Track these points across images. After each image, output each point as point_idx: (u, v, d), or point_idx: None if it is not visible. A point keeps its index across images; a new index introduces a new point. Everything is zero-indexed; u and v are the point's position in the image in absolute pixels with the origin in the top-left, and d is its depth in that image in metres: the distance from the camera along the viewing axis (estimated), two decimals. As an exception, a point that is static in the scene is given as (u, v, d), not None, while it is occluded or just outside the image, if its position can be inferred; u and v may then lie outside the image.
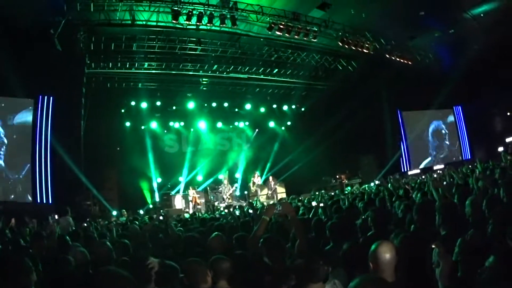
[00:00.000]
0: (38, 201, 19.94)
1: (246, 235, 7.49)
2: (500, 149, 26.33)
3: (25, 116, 20.63)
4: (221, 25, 21.73)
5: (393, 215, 8.39)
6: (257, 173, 29.80)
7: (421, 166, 31.83)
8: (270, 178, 28.72)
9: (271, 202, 23.76)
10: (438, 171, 23.53)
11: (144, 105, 29.24)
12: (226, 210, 19.29)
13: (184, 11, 20.48)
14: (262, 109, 33.86)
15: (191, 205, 26.03)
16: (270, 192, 27.74)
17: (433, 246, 4.42)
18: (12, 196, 19.90)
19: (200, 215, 19.18)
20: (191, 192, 26.96)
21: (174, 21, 20.69)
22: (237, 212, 14.76)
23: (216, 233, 7.41)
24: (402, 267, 4.45)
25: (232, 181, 30.05)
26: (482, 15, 24.40)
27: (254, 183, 29.02)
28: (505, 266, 3.64)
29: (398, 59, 27.64)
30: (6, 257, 6.33)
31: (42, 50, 18.78)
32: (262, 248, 6.11)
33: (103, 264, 6.10)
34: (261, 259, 5.93)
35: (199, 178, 31.57)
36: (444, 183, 11.58)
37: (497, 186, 8.35)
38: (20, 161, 20.42)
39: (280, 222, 8.45)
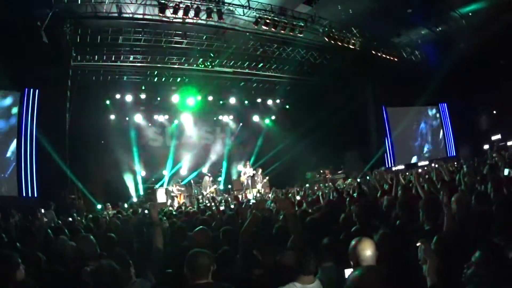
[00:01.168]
0: (24, 194, 19.86)
1: (232, 229, 7.55)
2: (486, 146, 26.56)
3: (10, 109, 20.56)
4: (208, 19, 21.69)
5: (378, 209, 8.44)
6: (248, 163, 29.14)
7: (406, 162, 31.97)
8: (259, 170, 28.52)
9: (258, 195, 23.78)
10: (425, 168, 23.65)
11: (129, 98, 29.06)
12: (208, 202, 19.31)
13: (171, 4, 20.40)
14: (247, 103, 33.92)
15: (176, 200, 25.85)
16: (260, 184, 27.53)
17: (418, 244, 4.46)
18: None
19: (185, 208, 19.11)
20: (175, 188, 26.83)
21: (161, 14, 20.65)
22: (222, 207, 14.80)
23: (201, 227, 7.44)
24: (383, 263, 4.51)
25: (215, 176, 29.97)
26: (470, 14, 24.54)
27: (245, 173, 28.24)
28: (491, 261, 3.70)
29: (384, 55, 27.74)
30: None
31: (28, 43, 18.65)
32: (252, 242, 6.16)
33: (89, 258, 6.14)
34: (252, 253, 5.98)
35: (183, 171, 31.50)
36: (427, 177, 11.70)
37: (484, 183, 8.46)
38: (5, 154, 20.36)
39: (268, 217, 8.51)
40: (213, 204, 14.12)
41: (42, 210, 12.78)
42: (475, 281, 3.71)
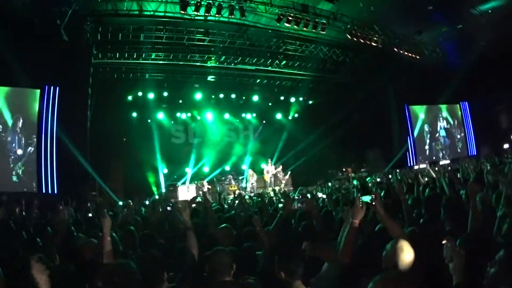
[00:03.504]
0: (44, 191, 19.96)
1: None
2: (506, 146, 26.30)
3: (31, 107, 20.67)
4: (230, 16, 21.58)
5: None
6: (271, 161, 29.29)
7: (427, 161, 31.74)
8: (280, 167, 28.57)
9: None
10: (449, 167, 23.49)
11: (151, 95, 29.27)
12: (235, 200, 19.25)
13: (193, 2, 20.33)
14: (269, 101, 33.90)
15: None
16: (283, 182, 27.51)
17: (443, 242, 4.35)
18: (17, 186, 19.90)
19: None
20: (205, 184, 27.10)
21: (182, 12, 20.61)
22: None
23: (225, 224, 7.38)
24: (417, 263, 4.41)
25: (238, 173, 29.97)
26: (490, 11, 24.29)
27: (268, 171, 28.45)
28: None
29: (406, 53, 27.49)
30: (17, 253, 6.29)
31: (48, 41, 18.75)
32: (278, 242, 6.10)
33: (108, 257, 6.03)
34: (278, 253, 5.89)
35: (206, 169, 31.52)
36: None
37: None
38: (26, 151, 20.45)
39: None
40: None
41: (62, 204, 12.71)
42: (498, 280, 3.61)
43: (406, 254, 4.35)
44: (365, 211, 5.31)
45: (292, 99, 34.64)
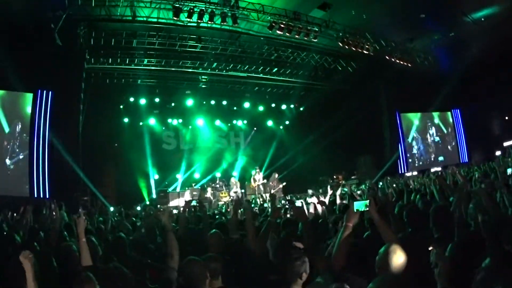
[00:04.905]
0: (35, 195, 19.94)
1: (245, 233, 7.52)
2: (498, 153, 26.39)
3: (24, 111, 20.68)
4: (222, 23, 21.67)
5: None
6: (258, 169, 29.03)
7: (419, 168, 31.85)
8: (276, 175, 28.52)
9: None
10: (439, 173, 23.57)
11: (142, 101, 29.34)
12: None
13: (186, 8, 20.46)
14: (261, 108, 33.99)
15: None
16: (274, 189, 27.48)
17: (430, 248, 4.43)
18: (9, 190, 19.85)
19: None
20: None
21: (175, 18, 20.70)
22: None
23: (214, 230, 7.41)
24: (408, 268, 4.48)
25: (228, 180, 29.98)
26: (482, 19, 24.43)
27: (255, 180, 28.32)
28: (501, 268, 3.66)
29: (397, 60, 27.61)
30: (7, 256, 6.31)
31: (42, 45, 18.79)
32: (268, 248, 6.15)
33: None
34: (267, 259, 5.95)
35: (196, 175, 31.42)
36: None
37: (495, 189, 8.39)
38: (19, 155, 20.44)
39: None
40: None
41: (53, 206, 12.66)
42: (485, 286, 3.68)
43: (399, 258, 4.42)
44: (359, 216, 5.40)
45: (284, 106, 34.75)
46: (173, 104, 31.17)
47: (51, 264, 6.22)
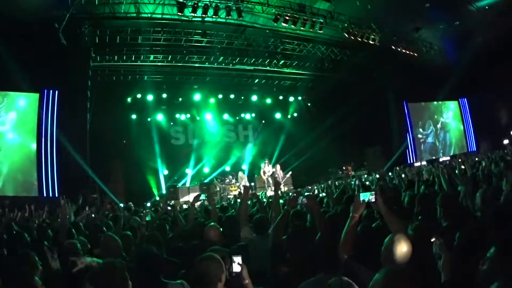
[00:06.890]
0: (44, 195, 19.99)
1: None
2: (506, 141, 26.32)
3: (31, 111, 20.71)
4: (227, 17, 21.67)
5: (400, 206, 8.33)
6: (267, 161, 28.91)
7: (427, 158, 31.78)
8: (278, 167, 28.36)
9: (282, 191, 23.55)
10: (447, 162, 23.48)
11: (150, 97, 29.39)
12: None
13: (190, 3, 20.40)
14: (268, 101, 34.01)
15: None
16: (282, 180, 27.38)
17: (432, 240, 4.41)
18: (18, 191, 19.92)
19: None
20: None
21: (180, 13, 20.64)
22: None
23: (213, 223, 7.42)
24: (415, 258, 4.46)
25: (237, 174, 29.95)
26: (487, 7, 24.31)
27: (264, 172, 28.15)
28: (506, 258, 3.64)
29: (403, 50, 27.54)
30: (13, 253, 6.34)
31: (47, 44, 18.82)
32: (284, 239, 6.12)
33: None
34: (282, 250, 5.91)
35: (206, 170, 31.52)
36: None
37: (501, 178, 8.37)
38: (26, 155, 20.50)
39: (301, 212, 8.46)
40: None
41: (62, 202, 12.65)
42: (489, 277, 3.66)
43: (403, 248, 4.41)
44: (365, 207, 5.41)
45: (291, 99, 34.80)
46: (180, 99, 31.14)
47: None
